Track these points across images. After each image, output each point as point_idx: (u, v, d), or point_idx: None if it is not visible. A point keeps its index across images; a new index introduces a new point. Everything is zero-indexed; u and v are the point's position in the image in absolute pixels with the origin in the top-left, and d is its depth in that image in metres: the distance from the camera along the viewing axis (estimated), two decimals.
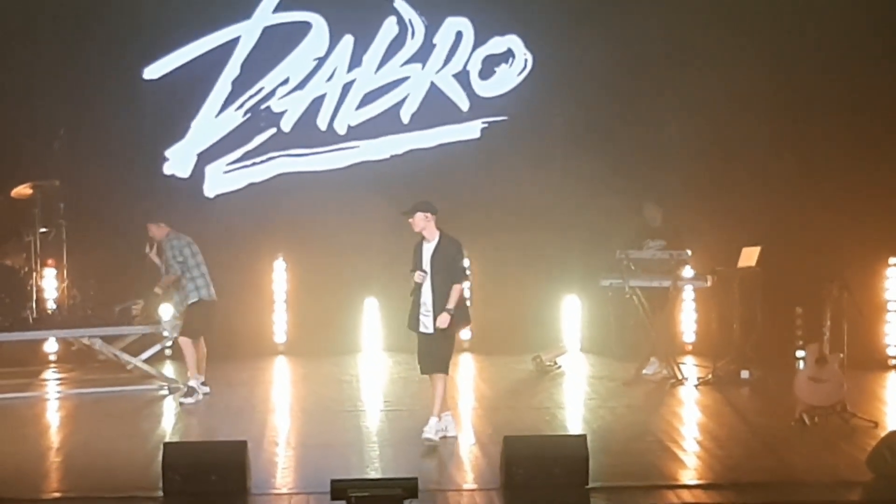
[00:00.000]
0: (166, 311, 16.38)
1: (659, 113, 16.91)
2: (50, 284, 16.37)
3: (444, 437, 12.65)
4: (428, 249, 12.65)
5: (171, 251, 14.39)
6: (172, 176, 17.33)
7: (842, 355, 13.16)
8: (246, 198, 17.36)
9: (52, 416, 14.26)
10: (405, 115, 17.55)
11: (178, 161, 17.35)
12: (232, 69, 17.28)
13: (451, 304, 12.50)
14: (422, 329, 12.66)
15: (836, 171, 16.36)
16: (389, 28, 17.47)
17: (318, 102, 17.51)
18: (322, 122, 17.52)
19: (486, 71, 17.57)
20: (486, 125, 17.54)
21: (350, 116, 17.53)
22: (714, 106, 16.54)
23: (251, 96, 17.38)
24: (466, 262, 12.88)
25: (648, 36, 16.92)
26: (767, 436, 12.70)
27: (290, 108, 17.46)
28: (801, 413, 12.93)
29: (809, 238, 16.10)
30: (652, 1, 16.98)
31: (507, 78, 17.56)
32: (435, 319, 12.49)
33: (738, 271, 15.48)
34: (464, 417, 13.59)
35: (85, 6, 16.90)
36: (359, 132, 17.56)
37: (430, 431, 12.60)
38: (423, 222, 12.62)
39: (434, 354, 12.60)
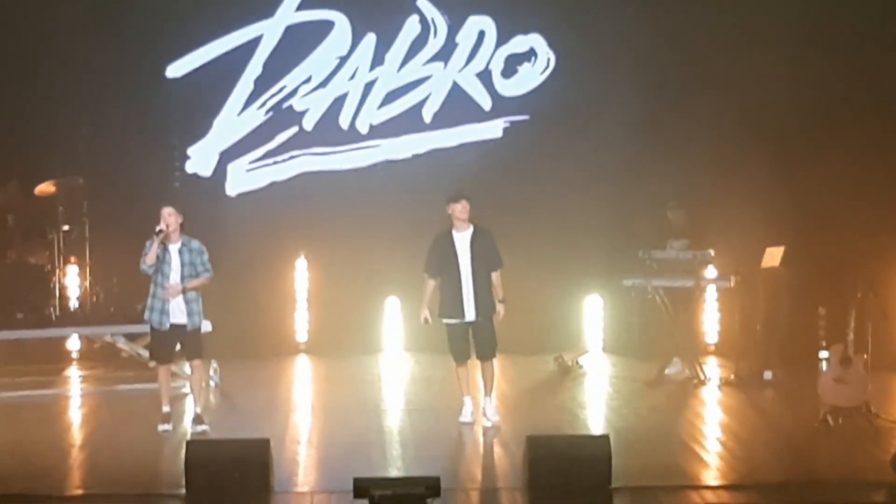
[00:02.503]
0: None
1: (682, 112, 16.83)
2: (73, 282, 16.41)
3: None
4: (463, 238, 12.99)
5: (205, 254, 13.07)
6: (195, 174, 17.34)
7: (866, 356, 13.11)
8: (268, 196, 17.36)
9: (75, 413, 14.29)
10: (427, 115, 17.54)
11: (200, 159, 17.36)
12: (254, 67, 17.28)
13: (501, 294, 13.07)
14: (467, 318, 12.98)
15: (862, 171, 16.26)
16: (412, 27, 17.45)
17: (340, 101, 17.50)
18: (344, 121, 17.51)
19: (509, 70, 17.55)
20: (508, 124, 17.51)
21: (372, 115, 17.52)
22: (739, 105, 16.48)
23: (273, 95, 17.38)
24: None
25: (672, 35, 16.87)
26: (791, 437, 12.67)
27: (313, 107, 17.46)
28: (825, 414, 12.89)
29: (834, 238, 16.03)
30: (675, 3, 16.91)
31: (530, 77, 17.52)
32: (476, 306, 12.94)
33: (761, 271, 15.43)
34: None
35: (109, 5, 16.91)
36: (381, 131, 17.55)
37: (492, 413, 13.12)
38: (467, 210, 12.96)
39: (492, 340, 13.10)
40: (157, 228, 12.79)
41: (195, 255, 12.95)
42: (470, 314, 13.02)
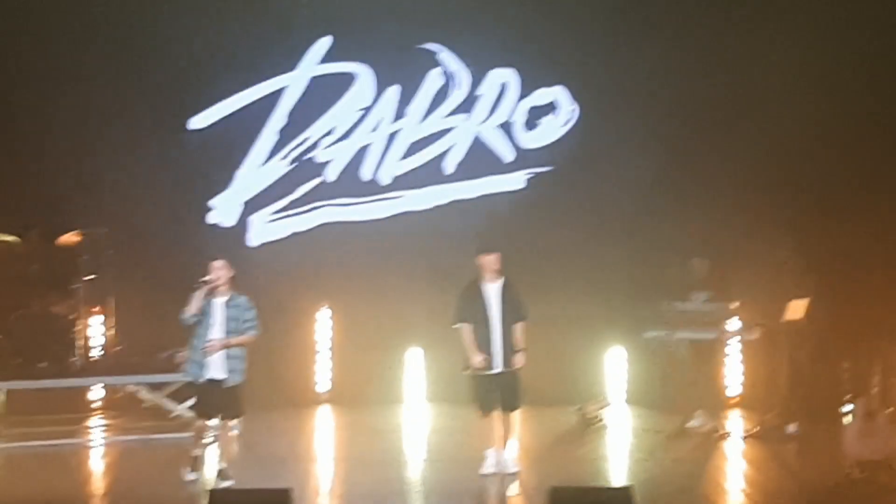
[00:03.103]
0: None
1: (706, 164, 16.83)
2: (96, 331, 16.42)
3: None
4: (494, 290, 13.18)
5: (253, 311, 12.96)
6: (217, 225, 17.39)
7: (891, 410, 13.04)
8: (290, 247, 17.39)
9: (97, 463, 14.29)
10: (449, 166, 17.57)
11: (223, 210, 17.41)
12: (278, 119, 17.35)
13: (523, 344, 13.18)
14: (496, 369, 13.12)
15: (887, 222, 16.22)
16: (435, 79, 17.52)
17: (362, 152, 17.55)
18: (366, 172, 17.56)
19: (531, 122, 17.58)
20: (530, 176, 17.53)
21: (394, 166, 17.57)
22: (763, 157, 16.50)
23: (296, 146, 17.44)
24: None
25: (696, 87, 16.90)
26: (815, 490, 12.61)
27: (335, 158, 17.51)
28: (849, 468, 12.81)
29: (858, 291, 15.94)
30: (698, 53, 16.94)
31: (552, 129, 17.55)
32: (505, 358, 13.09)
33: (785, 324, 15.38)
34: None
35: (133, 56, 16.98)
36: (403, 182, 17.57)
37: (511, 464, 13.23)
38: (498, 262, 13.11)
39: (517, 391, 13.25)
40: (203, 279, 12.60)
41: (241, 310, 12.77)
42: (499, 365, 13.09)
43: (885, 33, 16.60)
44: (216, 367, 12.71)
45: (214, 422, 13.56)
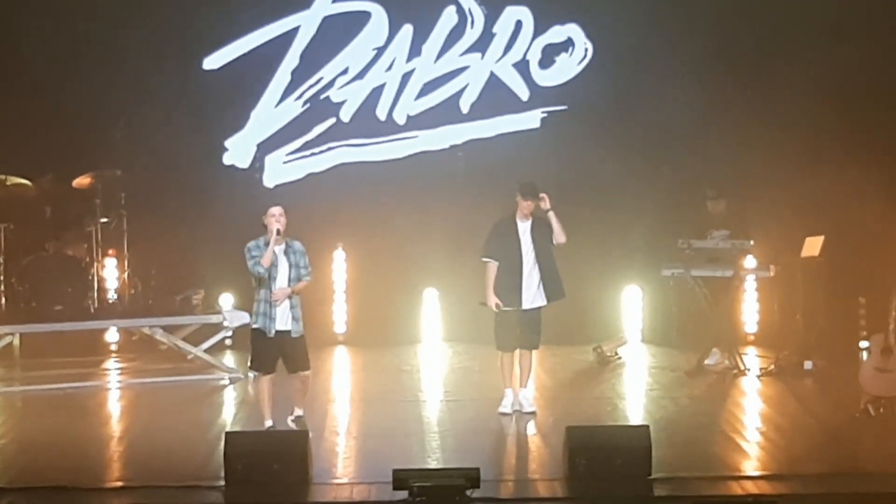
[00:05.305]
0: (227, 301, 16.49)
1: (720, 102, 16.74)
2: (111, 274, 16.42)
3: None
4: (525, 227, 13.08)
5: (307, 256, 12.48)
6: (232, 166, 17.36)
7: None
8: (305, 188, 17.34)
9: (114, 405, 14.33)
10: (464, 105, 17.49)
11: (237, 151, 17.38)
12: (291, 59, 17.27)
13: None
14: (532, 304, 13.05)
15: None
16: (449, 17, 17.41)
17: (377, 92, 17.47)
18: (381, 112, 17.49)
19: (546, 60, 17.48)
20: (545, 115, 17.45)
21: (409, 106, 17.49)
22: (778, 94, 16.42)
23: (311, 86, 17.36)
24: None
25: (709, 25, 16.81)
26: (832, 426, 12.58)
27: (350, 99, 17.44)
28: (866, 404, 12.79)
29: (874, 227, 15.88)
30: None
31: (567, 67, 17.45)
32: (546, 291, 13.05)
33: (801, 261, 15.34)
34: None
35: None
36: (418, 122, 17.52)
37: (528, 404, 13.19)
38: (533, 208, 13.06)
39: (538, 330, 13.18)
40: (276, 229, 12.10)
41: (299, 256, 12.33)
42: (527, 302, 13.01)
43: None
44: (282, 319, 12.20)
45: (226, 361, 13.58)
